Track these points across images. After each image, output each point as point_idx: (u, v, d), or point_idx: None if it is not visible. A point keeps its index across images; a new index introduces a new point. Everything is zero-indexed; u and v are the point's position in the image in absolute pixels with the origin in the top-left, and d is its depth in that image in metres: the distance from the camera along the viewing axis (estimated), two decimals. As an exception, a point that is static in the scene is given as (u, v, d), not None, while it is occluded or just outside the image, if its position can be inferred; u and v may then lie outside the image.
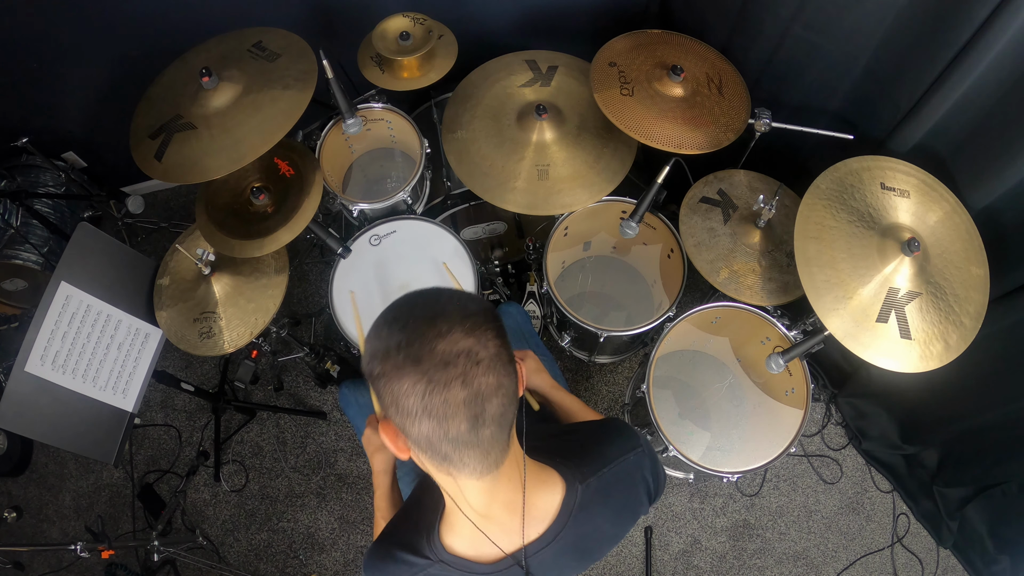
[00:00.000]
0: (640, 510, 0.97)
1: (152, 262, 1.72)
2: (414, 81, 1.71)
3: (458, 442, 0.68)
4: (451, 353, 0.65)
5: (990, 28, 1.20)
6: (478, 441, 0.69)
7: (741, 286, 1.64)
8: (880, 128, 1.60)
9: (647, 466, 0.95)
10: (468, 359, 0.65)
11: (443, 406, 0.65)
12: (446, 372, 0.65)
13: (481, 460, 0.72)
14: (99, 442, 1.57)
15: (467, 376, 0.65)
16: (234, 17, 1.90)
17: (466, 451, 0.70)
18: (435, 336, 0.66)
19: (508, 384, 0.69)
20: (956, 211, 1.46)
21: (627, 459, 0.92)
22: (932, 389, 1.72)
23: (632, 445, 0.94)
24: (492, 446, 0.71)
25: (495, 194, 1.68)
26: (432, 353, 0.65)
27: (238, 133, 1.48)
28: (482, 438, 0.69)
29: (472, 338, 0.67)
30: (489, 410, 0.67)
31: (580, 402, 1.18)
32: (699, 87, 1.66)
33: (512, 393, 0.70)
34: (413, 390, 0.65)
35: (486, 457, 0.72)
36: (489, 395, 0.67)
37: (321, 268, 2.52)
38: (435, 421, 0.66)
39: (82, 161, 2.41)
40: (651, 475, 0.96)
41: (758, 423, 1.93)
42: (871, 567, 2.15)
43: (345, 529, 2.22)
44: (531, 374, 1.19)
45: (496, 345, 0.68)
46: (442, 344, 0.65)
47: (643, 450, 0.95)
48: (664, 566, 2.15)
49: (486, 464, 0.73)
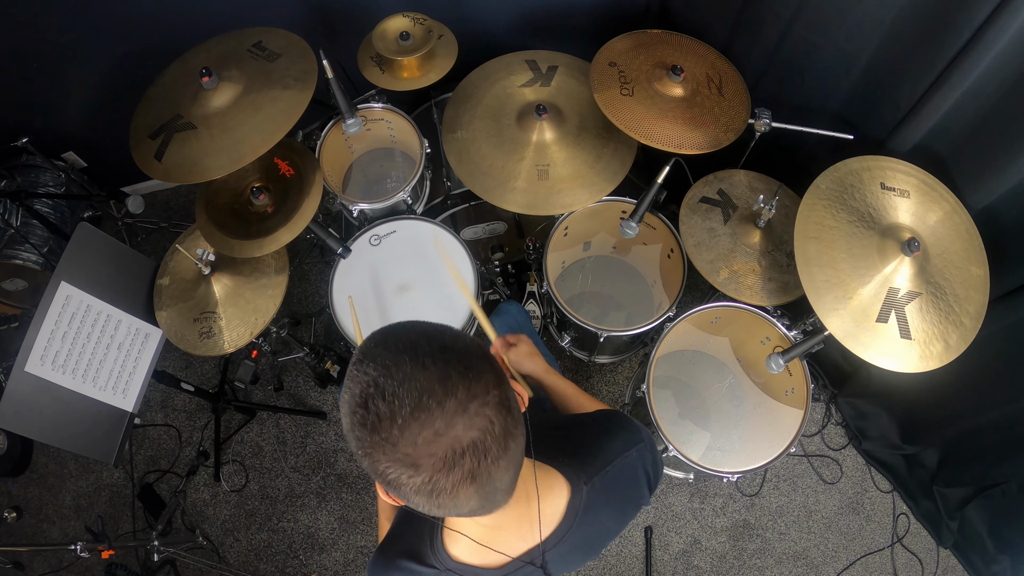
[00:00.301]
0: (642, 503, 0.97)
1: (152, 262, 1.72)
2: (414, 81, 1.71)
3: (466, 512, 0.65)
4: (456, 453, 0.57)
5: (990, 28, 1.20)
6: (489, 507, 0.66)
7: (741, 286, 1.64)
8: (880, 128, 1.60)
9: (648, 459, 0.95)
10: (475, 454, 0.58)
11: (451, 500, 0.60)
12: (451, 474, 0.58)
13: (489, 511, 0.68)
14: (99, 442, 1.57)
15: (476, 472, 0.58)
16: (234, 17, 1.90)
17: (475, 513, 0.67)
18: (433, 437, 0.56)
19: (516, 449, 0.63)
20: (956, 211, 1.46)
21: (629, 455, 0.92)
22: (932, 389, 1.72)
23: (634, 440, 0.93)
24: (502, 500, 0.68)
25: (495, 194, 1.68)
26: (432, 456, 0.57)
27: (238, 133, 1.48)
28: (493, 503, 0.66)
29: (475, 429, 0.58)
30: (500, 486, 0.63)
31: (574, 386, 1.15)
32: (699, 87, 1.66)
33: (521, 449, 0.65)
34: (412, 486, 0.59)
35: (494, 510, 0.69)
36: (500, 476, 0.61)
37: (321, 268, 2.52)
38: (443, 510, 0.62)
39: (82, 161, 2.41)
40: (651, 468, 0.96)
41: (758, 423, 1.93)
42: (871, 567, 2.15)
43: (345, 529, 2.22)
44: (524, 359, 1.14)
45: (500, 414, 0.60)
46: (443, 445, 0.57)
47: (645, 445, 0.94)
48: (664, 566, 2.15)
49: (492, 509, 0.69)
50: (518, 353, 1.15)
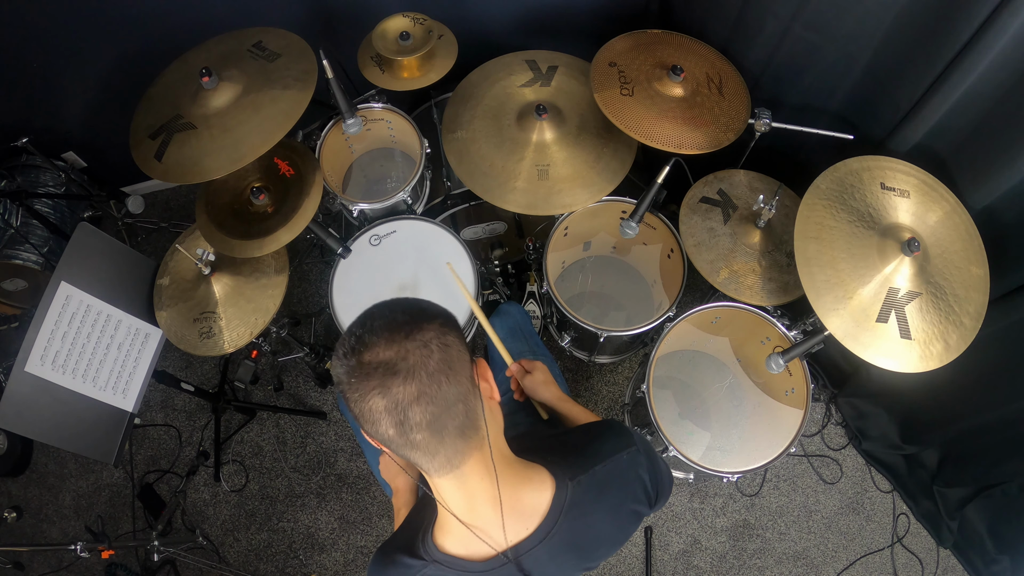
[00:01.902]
0: (639, 510, 0.97)
1: (152, 262, 1.72)
2: (414, 81, 1.71)
3: (395, 444, 0.73)
4: (371, 365, 0.70)
5: (990, 28, 1.20)
6: (412, 444, 0.72)
7: (741, 286, 1.64)
8: (880, 128, 1.60)
9: (643, 464, 0.94)
10: (385, 371, 0.69)
11: (369, 412, 0.70)
12: (366, 383, 0.70)
13: (428, 460, 0.75)
14: (99, 442, 1.57)
15: (383, 386, 0.69)
16: (234, 17, 1.91)
17: (408, 452, 0.74)
18: (362, 349, 0.71)
19: (435, 393, 0.71)
20: (956, 211, 1.46)
21: (620, 457, 0.92)
22: (932, 389, 1.72)
23: (626, 444, 0.94)
24: (432, 449, 0.73)
25: (495, 194, 1.68)
26: (360, 365, 0.71)
27: (238, 133, 1.48)
28: (415, 441, 0.72)
29: (391, 351, 0.70)
30: (412, 417, 0.70)
31: (587, 412, 1.18)
32: (699, 87, 1.66)
33: (445, 400, 0.72)
34: (349, 396, 0.72)
35: (432, 458, 0.74)
36: (408, 403, 0.69)
37: (321, 268, 2.52)
38: (368, 424, 0.72)
39: (82, 161, 2.41)
40: (648, 474, 0.95)
41: (758, 423, 1.93)
42: (871, 567, 2.15)
43: (345, 529, 2.22)
44: (538, 387, 1.21)
45: (420, 355, 0.71)
46: (366, 356, 0.71)
47: (637, 449, 0.94)
48: (664, 566, 2.15)
49: (436, 464, 0.75)
50: (533, 381, 1.21)
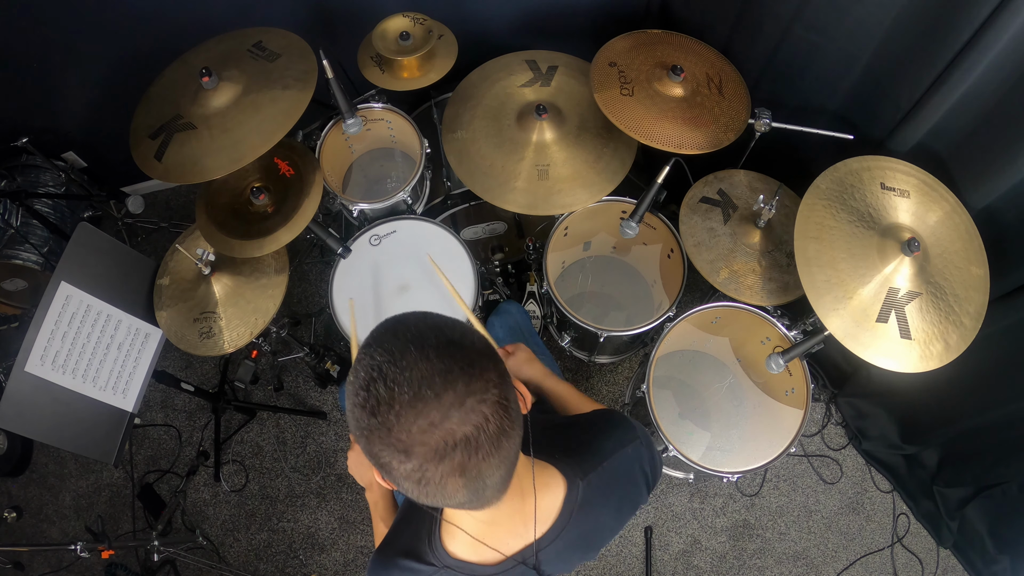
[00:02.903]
0: (639, 500, 0.97)
1: (152, 262, 1.72)
2: (414, 81, 1.71)
3: (456, 503, 0.67)
4: (448, 445, 0.58)
5: (990, 28, 1.20)
6: (478, 501, 0.67)
7: (741, 286, 1.64)
8: (880, 128, 1.60)
9: (645, 457, 0.95)
10: (466, 448, 0.59)
11: (439, 491, 0.62)
12: (441, 465, 0.59)
13: (481, 507, 0.70)
14: (99, 442, 1.57)
15: (465, 466, 0.60)
16: (234, 17, 1.91)
17: (465, 506, 0.69)
18: (428, 427, 0.58)
19: (511, 448, 0.64)
20: (956, 211, 1.46)
21: (625, 452, 0.92)
22: (932, 389, 1.72)
23: (630, 437, 0.94)
24: (494, 496, 0.69)
25: (495, 194, 1.68)
26: (424, 446, 0.58)
27: (238, 133, 1.48)
28: (486, 499, 0.68)
29: (470, 424, 0.59)
30: (491, 482, 0.64)
31: (573, 388, 1.16)
32: (699, 87, 1.66)
33: (516, 448, 0.66)
34: (403, 472, 0.61)
35: (488, 502, 0.70)
36: (490, 473, 0.63)
37: (321, 268, 2.52)
38: (431, 499, 0.64)
39: (82, 161, 2.41)
40: (649, 465, 0.96)
41: (758, 423, 1.93)
42: (871, 567, 2.15)
43: (345, 529, 2.22)
44: (522, 364, 1.18)
45: (496, 413, 0.61)
46: (436, 436, 0.58)
47: (640, 441, 0.94)
48: (664, 566, 2.15)
49: (483, 503, 0.71)
50: (516, 360, 1.19)
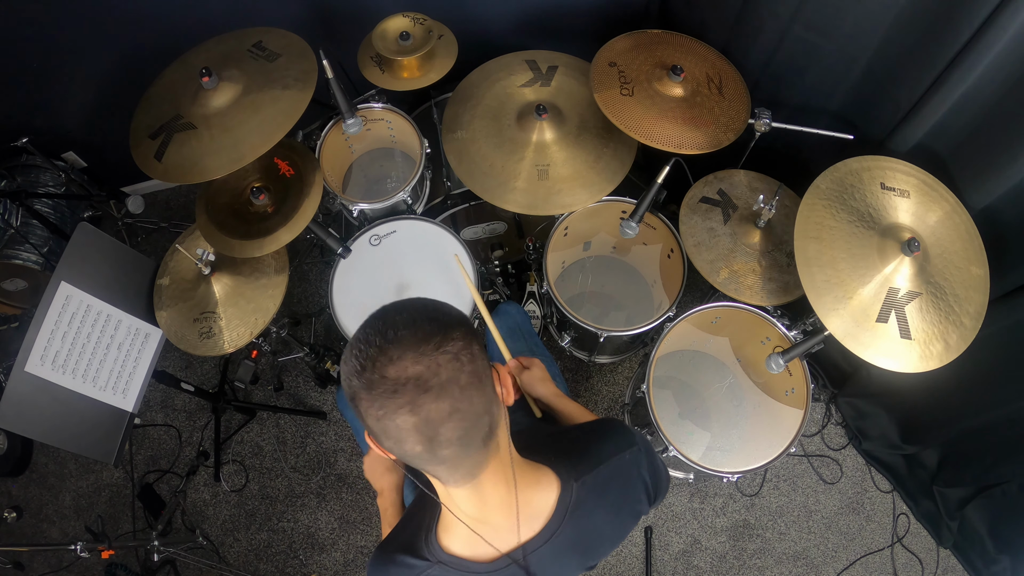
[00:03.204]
0: (640, 509, 0.97)
1: (152, 262, 1.72)
2: (414, 81, 1.71)
3: (420, 459, 0.71)
4: (399, 381, 0.66)
5: (990, 28, 1.20)
6: (439, 460, 0.71)
7: (741, 286, 1.64)
8: (880, 128, 1.60)
9: (643, 464, 0.95)
10: (416, 387, 0.66)
11: (396, 430, 0.67)
12: (393, 400, 0.66)
13: (450, 473, 0.74)
14: (99, 442, 1.57)
15: (415, 404, 0.66)
16: (234, 17, 1.90)
17: (433, 466, 0.73)
18: (386, 363, 0.66)
19: (467, 408, 0.69)
20: (956, 211, 1.46)
21: (622, 457, 0.92)
22: (932, 389, 1.72)
23: (628, 443, 0.94)
24: (458, 462, 0.73)
25: (495, 194, 1.68)
26: (383, 380, 0.66)
27: (238, 133, 1.48)
28: (442, 457, 0.70)
29: (421, 365, 0.66)
30: (444, 434, 0.68)
31: (584, 409, 1.18)
32: (699, 87, 1.66)
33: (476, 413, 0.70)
34: (370, 413, 0.68)
35: (455, 471, 0.74)
36: (441, 420, 0.67)
37: (321, 268, 2.52)
38: (392, 442, 0.69)
39: (82, 161, 2.41)
40: (648, 474, 0.96)
41: (758, 423, 1.93)
42: (871, 567, 2.15)
43: (345, 529, 2.22)
44: (535, 383, 1.20)
45: (452, 368, 0.68)
46: (392, 370, 0.66)
47: (639, 448, 0.94)
48: (664, 566, 2.15)
49: (457, 476, 0.75)
50: (531, 377, 1.21)
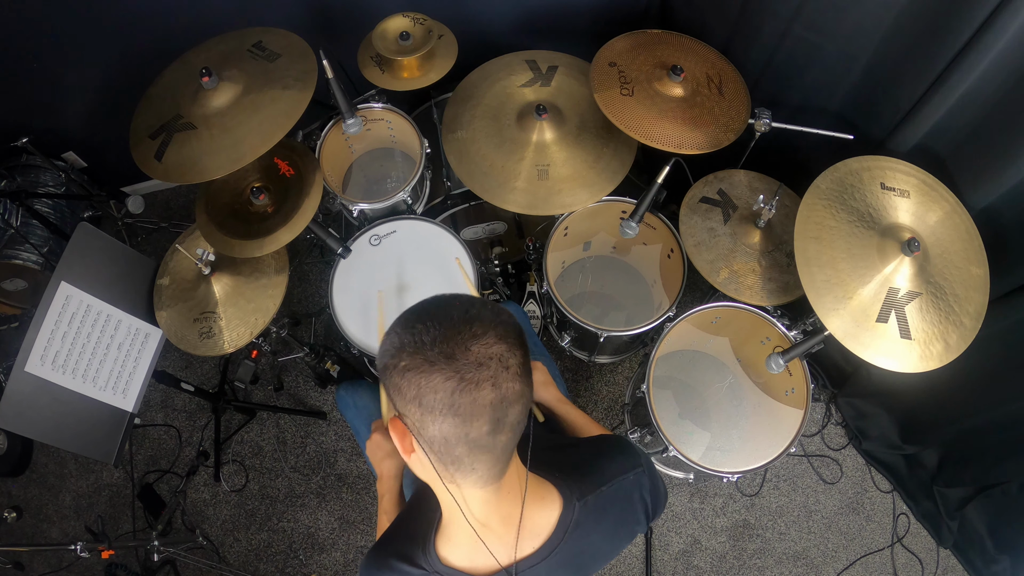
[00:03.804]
0: (636, 529, 0.97)
1: (152, 262, 1.72)
2: (414, 81, 1.71)
3: (476, 445, 0.70)
4: (485, 355, 0.67)
5: (990, 28, 1.20)
6: (493, 446, 0.71)
7: (741, 286, 1.64)
8: (880, 128, 1.60)
9: (646, 486, 0.95)
10: (500, 363, 0.67)
11: (471, 405, 0.66)
12: (479, 372, 0.66)
13: (491, 467, 0.74)
14: (99, 442, 1.57)
15: (497, 380, 0.67)
16: (234, 17, 1.91)
17: (480, 455, 0.71)
18: (471, 336, 0.67)
19: (528, 394, 0.71)
20: (956, 211, 1.46)
21: (626, 478, 0.92)
22: (932, 389, 1.72)
23: (633, 464, 0.94)
24: (504, 453, 0.74)
25: (495, 194, 1.68)
26: (467, 352, 0.66)
27: (238, 133, 1.48)
28: (498, 443, 0.71)
29: (504, 344, 0.68)
30: (511, 416, 0.69)
31: (587, 416, 1.18)
32: (699, 87, 1.66)
33: (529, 403, 0.72)
34: (443, 386, 0.66)
35: (496, 464, 0.74)
36: (514, 401, 0.69)
37: (321, 268, 2.52)
38: (459, 419, 0.67)
39: (82, 161, 2.41)
40: (649, 495, 0.96)
41: (758, 423, 1.93)
42: (871, 567, 2.15)
43: (345, 529, 2.22)
44: (539, 387, 1.20)
45: (522, 355, 0.70)
46: (477, 345, 0.67)
47: (643, 470, 0.94)
48: (664, 566, 2.15)
49: (494, 472, 0.75)
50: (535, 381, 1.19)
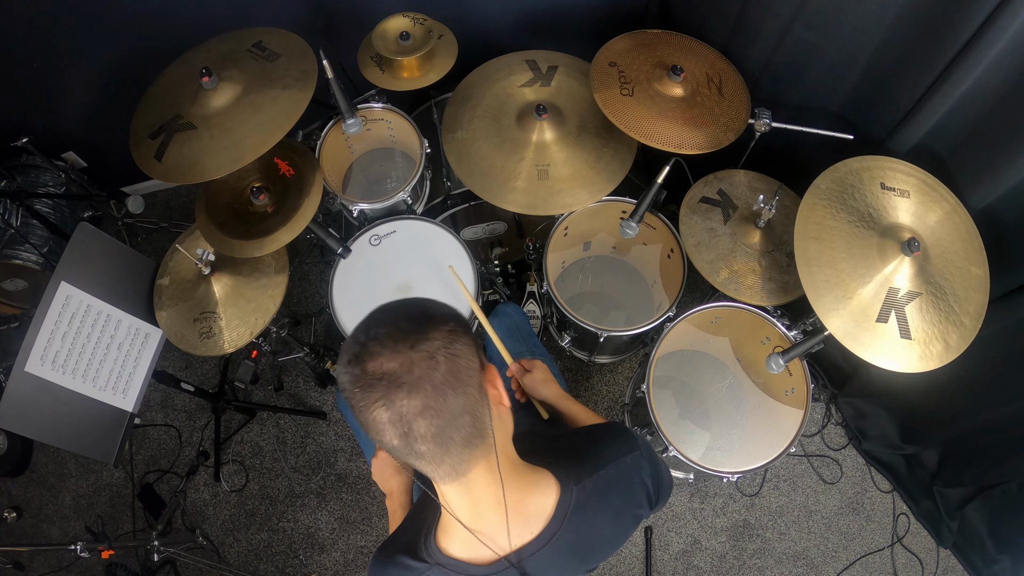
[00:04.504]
0: (640, 513, 0.97)
1: (152, 262, 1.72)
2: (414, 81, 1.71)
3: (401, 453, 0.72)
4: (375, 375, 0.68)
5: (990, 28, 1.20)
6: (418, 454, 0.71)
7: (741, 286, 1.64)
8: (880, 128, 1.60)
9: (646, 469, 0.95)
10: (389, 383, 0.68)
11: (373, 423, 0.69)
12: (370, 393, 0.68)
13: (433, 469, 0.74)
14: (99, 442, 1.57)
15: (388, 399, 0.68)
16: (234, 17, 1.91)
17: (413, 460, 0.73)
18: (366, 358, 0.69)
19: (441, 406, 0.69)
20: (956, 211, 1.46)
21: (624, 461, 0.92)
22: (932, 389, 1.72)
23: (630, 447, 0.94)
24: (438, 459, 0.73)
25: (495, 194, 1.68)
26: (363, 374, 0.69)
27: (238, 133, 1.48)
28: (420, 452, 0.71)
29: (395, 362, 0.68)
30: (418, 430, 0.69)
31: (589, 411, 1.18)
32: (699, 87, 1.66)
33: (452, 412, 0.70)
34: (354, 406, 0.70)
35: (437, 467, 0.74)
36: (413, 416, 0.68)
37: (321, 268, 2.52)
38: (374, 433, 0.71)
39: (82, 161, 2.41)
40: (650, 478, 0.95)
41: (758, 423, 1.93)
42: (871, 567, 2.15)
43: (345, 529, 2.22)
44: (538, 385, 1.20)
45: (426, 367, 0.69)
46: (370, 365, 0.69)
47: (641, 453, 0.94)
48: (664, 566, 2.15)
49: (441, 472, 0.75)
50: (533, 379, 1.21)
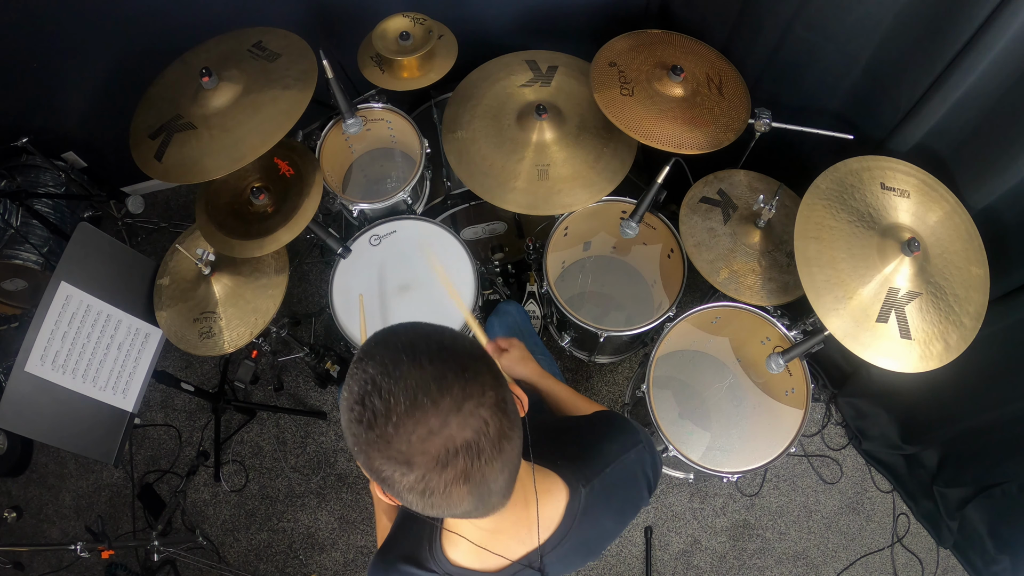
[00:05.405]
0: (641, 504, 0.97)
1: (152, 262, 1.72)
2: (414, 81, 1.71)
3: (460, 513, 0.65)
4: (449, 452, 0.57)
5: (990, 28, 1.20)
6: (488, 508, 0.66)
7: (741, 286, 1.64)
8: (880, 128, 1.60)
9: (647, 461, 0.94)
10: (468, 454, 0.58)
11: (444, 500, 0.60)
12: (444, 473, 0.58)
13: (485, 514, 0.69)
14: (99, 442, 1.57)
15: (469, 472, 0.58)
16: (234, 17, 1.91)
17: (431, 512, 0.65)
18: (427, 435, 0.57)
19: (514, 451, 0.63)
20: (956, 211, 1.46)
21: (628, 457, 0.92)
22: (932, 389, 1.72)
23: (633, 441, 0.93)
24: (498, 503, 0.68)
25: (495, 194, 1.68)
26: (425, 455, 0.57)
27: (238, 133, 1.48)
28: (492, 505, 0.66)
29: (470, 429, 0.58)
30: (495, 488, 0.63)
31: (570, 389, 1.14)
32: (699, 87, 1.66)
33: (518, 450, 0.64)
34: (406, 485, 0.59)
35: (492, 510, 0.69)
36: (494, 478, 0.61)
37: (321, 268, 2.52)
38: (437, 510, 0.62)
39: (82, 161, 2.41)
40: (650, 469, 0.95)
41: (758, 423, 1.93)
42: (871, 567, 2.15)
43: (345, 529, 2.22)
44: (516, 363, 1.14)
45: (495, 416, 0.60)
46: (436, 443, 0.57)
47: (643, 446, 0.94)
48: (664, 566, 2.15)
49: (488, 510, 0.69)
50: (510, 358, 1.15)
